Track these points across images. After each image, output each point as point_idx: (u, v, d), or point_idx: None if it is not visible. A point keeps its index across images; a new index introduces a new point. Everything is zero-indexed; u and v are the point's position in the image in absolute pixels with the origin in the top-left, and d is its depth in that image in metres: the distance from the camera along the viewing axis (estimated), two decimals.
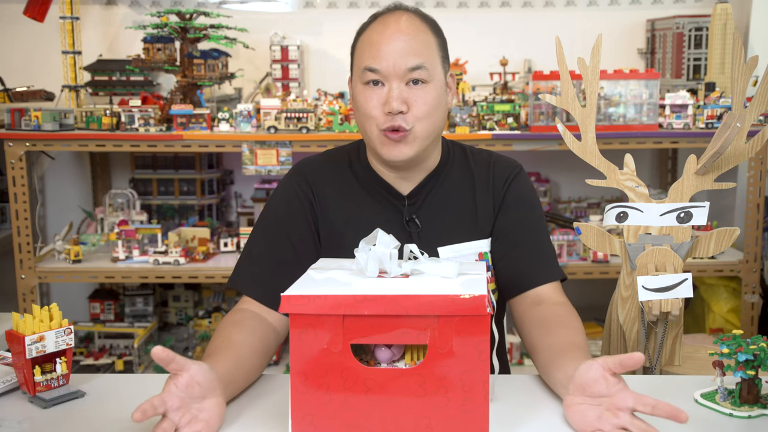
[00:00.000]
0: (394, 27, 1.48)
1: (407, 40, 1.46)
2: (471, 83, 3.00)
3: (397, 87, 1.46)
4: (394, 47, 1.46)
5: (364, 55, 1.49)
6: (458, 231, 1.57)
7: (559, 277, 1.57)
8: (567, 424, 1.21)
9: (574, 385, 1.16)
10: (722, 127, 1.50)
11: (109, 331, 3.19)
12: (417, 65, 1.46)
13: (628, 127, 2.78)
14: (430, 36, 1.51)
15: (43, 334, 1.29)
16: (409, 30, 1.48)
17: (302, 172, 1.62)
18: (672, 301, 1.47)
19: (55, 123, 2.83)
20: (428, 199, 1.58)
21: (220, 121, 2.84)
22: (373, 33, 1.50)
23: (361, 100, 1.50)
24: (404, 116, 1.46)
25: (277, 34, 3.24)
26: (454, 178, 1.61)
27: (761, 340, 1.23)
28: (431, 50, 1.50)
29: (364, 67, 1.48)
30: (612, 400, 1.11)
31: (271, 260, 1.54)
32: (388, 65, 1.46)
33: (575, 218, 3.18)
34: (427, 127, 1.49)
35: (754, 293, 2.88)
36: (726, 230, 1.53)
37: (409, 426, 1.10)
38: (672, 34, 3.15)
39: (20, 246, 2.86)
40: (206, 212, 3.35)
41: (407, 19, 1.50)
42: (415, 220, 1.56)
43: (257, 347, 1.40)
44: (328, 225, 1.57)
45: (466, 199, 1.60)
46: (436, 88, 1.49)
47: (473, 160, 1.64)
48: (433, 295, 1.09)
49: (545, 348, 1.37)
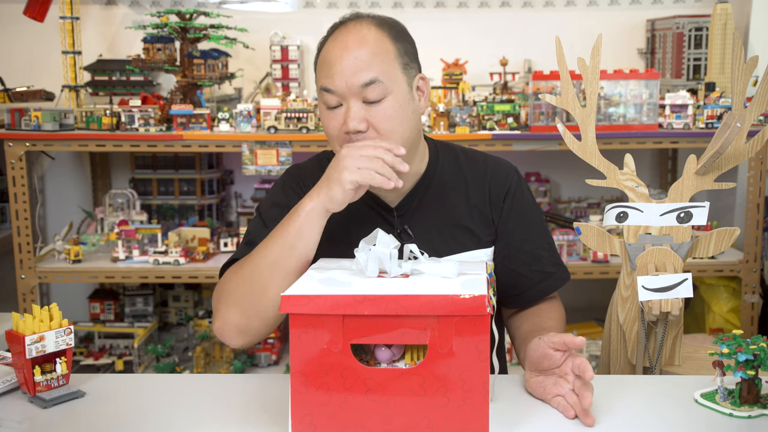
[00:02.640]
0: (342, 44, 1.42)
1: (358, 55, 1.40)
2: (471, 83, 3.00)
3: (355, 105, 1.41)
4: (345, 65, 1.40)
5: (321, 74, 1.45)
6: (453, 237, 1.55)
7: (561, 284, 1.62)
8: (567, 424, 1.21)
9: (529, 362, 1.32)
10: (722, 127, 1.50)
11: (109, 331, 3.20)
12: (370, 80, 1.40)
13: (628, 127, 2.78)
14: (388, 44, 1.44)
15: (43, 334, 1.29)
16: (359, 44, 1.41)
17: (294, 177, 1.60)
18: (672, 301, 1.47)
19: (55, 123, 2.83)
20: (419, 208, 1.55)
21: (220, 121, 2.85)
22: (327, 50, 1.45)
23: (323, 119, 1.47)
24: (365, 135, 1.41)
25: (277, 34, 3.24)
26: (444, 183, 1.57)
27: (761, 340, 1.23)
28: (387, 60, 1.42)
29: (321, 87, 1.44)
30: (560, 370, 1.26)
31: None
32: (342, 85, 1.40)
33: (575, 218, 3.18)
34: (395, 140, 1.41)
35: (754, 293, 2.88)
36: (726, 230, 1.53)
37: (409, 426, 1.10)
38: (672, 34, 3.15)
39: (20, 246, 2.86)
40: (206, 212, 3.35)
41: (359, 32, 1.43)
42: (407, 230, 1.53)
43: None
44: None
45: (459, 203, 1.57)
46: (397, 99, 1.43)
47: (465, 163, 1.61)
48: (433, 295, 1.09)
49: (517, 336, 1.58)
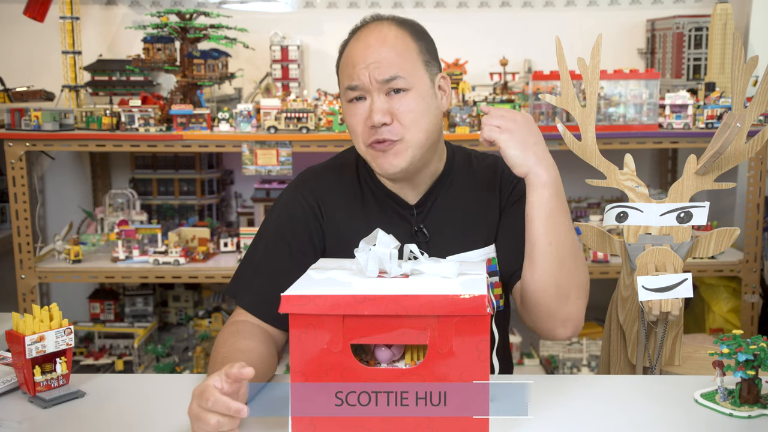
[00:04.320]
0: (364, 43, 1.47)
1: (380, 52, 1.45)
2: (471, 83, 3.00)
3: (378, 99, 1.45)
4: (368, 62, 1.45)
5: (345, 75, 1.49)
6: (466, 238, 1.55)
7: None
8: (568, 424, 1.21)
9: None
10: (722, 127, 1.50)
11: (109, 331, 3.19)
12: (392, 76, 1.44)
13: (628, 127, 2.78)
14: (409, 42, 1.48)
15: (43, 334, 1.29)
16: (381, 42, 1.46)
17: (308, 184, 1.59)
18: (672, 301, 1.47)
19: (55, 123, 2.83)
20: (436, 207, 1.56)
21: (220, 121, 2.84)
22: (350, 51, 1.49)
23: (347, 117, 1.50)
24: (389, 128, 1.45)
25: (277, 34, 3.24)
26: (460, 184, 1.59)
27: (761, 340, 1.23)
28: (409, 57, 1.47)
29: (346, 87, 1.48)
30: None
31: (272, 278, 1.51)
32: (366, 80, 1.45)
33: (575, 218, 3.18)
34: (417, 134, 1.46)
35: (754, 293, 2.88)
36: (726, 230, 1.53)
37: (409, 426, 1.10)
38: (672, 34, 3.15)
39: (20, 246, 2.86)
40: (206, 212, 3.35)
41: (381, 31, 1.48)
42: (423, 230, 1.54)
43: (263, 353, 1.38)
44: (336, 238, 1.54)
45: (473, 205, 1.57)
46: (419, 94, 1.47)
47: (478, 165, 1.62)
48: (433, 295, 1.09)
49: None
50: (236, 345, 1.36)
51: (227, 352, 1.34)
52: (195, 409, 1.10)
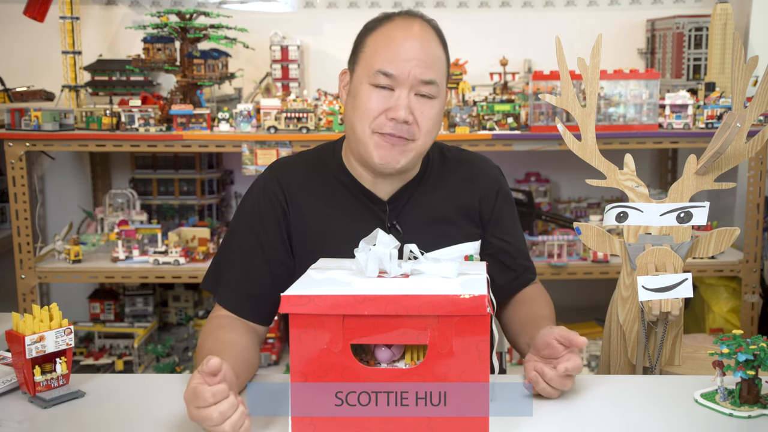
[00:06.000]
0: (406, 32, 1.45)
1: (427, 52, 1.45)
2: (471, 83, 3.00)
3: (407, 96, 1.44)
4: (413, 55, 1.43)
5: (379, 55, 1.45)
6: (441, 232, 1.56)
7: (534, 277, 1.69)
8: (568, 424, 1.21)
9: (533, 346, 1.35)
10: (722, 127, 1.50)
11: (109, 331, 3.19)
12: (431, 80, 1.45)
13: (628, 127, 2.78)
14: (442, 52, 1.50)
15: (43, 334, 1.29)
16: (426, 43, 1.46)
17: (276, 174, 1.57)
18: (672, 301, 1.46)
19: (55, 123, 2.83)
20: (409, 204, 1.56)
21: (220, 121, 2.84)
22: (394, 33, 1.46)
23: (363, 98, 1.46)
24: (409, 127, 1.44)
25: (277, 34, 3.24)
26: (434, 181, 1.59)
27: (761, 340, 1.23)
28: (442, 67, 1.50)
29: (378, 69, 1.44)
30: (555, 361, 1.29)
31: (248, 276, 1.52)
32: (404, 72, 1.43)
33: (575, 218, 3.18)
34: (428, 141, 1.49)
35: (754, 293, 2.88)
36: (726, 230, 1.53)
37: (409, 426, 1.10)
38: (672, 34, 3.15)
39: (20, 246, 2.86)
40: (206, 212, 3.35)
41: (425, 32, 1.47)
42: (396, 226, 1.54)
43: (247, 344, 1.42)
44: (302, 229, 1.53)
45: (448, 199, 1.58)
46: (440, 104, 1.49)
47: (450, 161, 1.63)
48: (433, 295, 1.09)
49: (516, 321, 1.60)
50: (221, 338, 1.40)
51: (212, 345, 1.37)
52: (194, 411, 1.11)
